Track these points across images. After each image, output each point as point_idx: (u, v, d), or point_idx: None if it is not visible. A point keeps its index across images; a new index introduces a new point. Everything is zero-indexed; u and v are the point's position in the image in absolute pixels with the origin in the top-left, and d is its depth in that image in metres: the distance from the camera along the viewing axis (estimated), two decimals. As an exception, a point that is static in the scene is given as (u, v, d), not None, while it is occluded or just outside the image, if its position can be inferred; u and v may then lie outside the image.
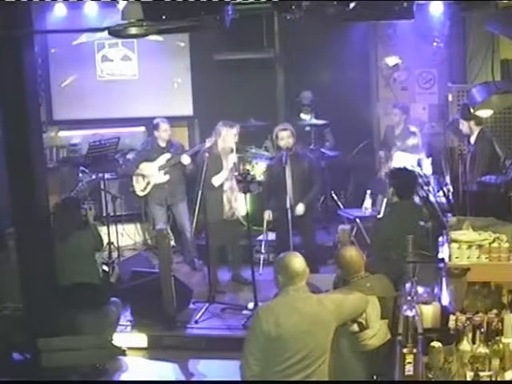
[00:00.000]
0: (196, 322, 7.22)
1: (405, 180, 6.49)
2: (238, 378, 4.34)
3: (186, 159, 8.42)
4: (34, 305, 5.96)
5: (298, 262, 4.40)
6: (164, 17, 5.23)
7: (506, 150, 7.53)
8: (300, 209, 7.64)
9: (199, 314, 7.30)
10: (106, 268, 8.07)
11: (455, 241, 4.45)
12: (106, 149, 9.08)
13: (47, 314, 6.00)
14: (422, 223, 5.74)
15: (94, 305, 6.40)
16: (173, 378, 6.54)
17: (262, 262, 8.49)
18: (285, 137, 7.63)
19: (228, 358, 6.26)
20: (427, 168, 8.10)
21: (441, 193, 5.91)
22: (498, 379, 4.14)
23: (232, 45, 9.49)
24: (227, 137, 7.81)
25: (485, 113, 6.62)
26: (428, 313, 4.62)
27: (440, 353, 4.19)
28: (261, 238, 8.72)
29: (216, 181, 7.82)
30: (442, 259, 4.53)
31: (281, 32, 9.79)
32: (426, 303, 4.68)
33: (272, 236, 8.57)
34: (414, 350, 4.18)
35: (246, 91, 9.87)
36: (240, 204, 7.89)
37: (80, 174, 9.29)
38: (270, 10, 8.64)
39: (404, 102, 9.41)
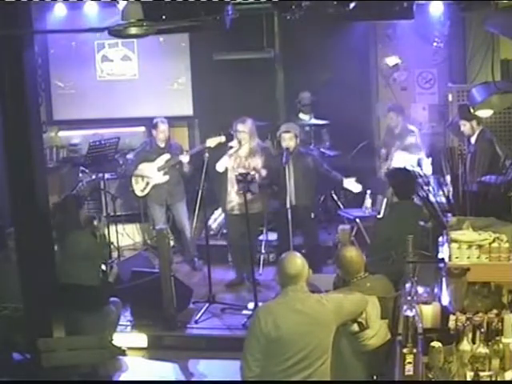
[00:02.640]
0: (196, 322, 7.23)
1: (404, 180, 6.49)
2: (239, 378, 4.34)
3: (185, 158, 8.42)
4: (34, 305, 5.95)
5: (297, 262, 4.39)
6: (164, 17, 5.24)
7: (506, 150, 7.53)
8: (355, 186, 7.72)
9: (199, 314, 7.31)
10: (103, 267, 8.05)
11: (455, 241, 4.44)
12: (106, 149, 9.09)
13: (47, 314, 6.00)
14: (421, 223, 5.73)
15: (93, 306, 6.38)
16: (173, 378, 6.54)
17: (261, 261, 8.49)
18: (286, 138, 7.69)
19: (228, 358, 6.27)
20: (427, 168, 8.10)
21: (441, 193, 5.90)
22: (498, 379, 4.14)
23: (232, 45, 9.49)
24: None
25: (485, 113, 6.62)
26: (428, 313, 4.62)
27: (440, 353, 4.18)
28: (261, 238, 8.73)
29: (218, 167, 7.91)
30: (442, 259, 4.53)
31: (281, 32, 9.79)
32: (426, 303, 4.67)
33: (272, 236, 8.59)
34: (414, 350, 4.18)
35: (245, 91, 9.86)
36: (240, 200, 7.89)
37: (80, 174, 9.30)
38: (270, 10, 8.66)
39: (397, 103, 9.41)
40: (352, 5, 5.64)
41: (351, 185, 7.75)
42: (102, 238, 6.88)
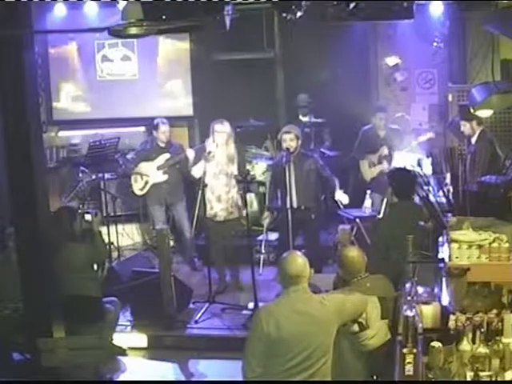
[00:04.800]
0: (196, 322, 7.23)
1: (404, 180, 6.49)
2: (239, 378, 4.34)
3: (191, 153, 8.35)
4: (34, 305, 5.95)
5: (298, 262, 4.37)
6: (164, 17, 5.23)
7: (506, 150, 7.52)
8: (344, 198, 7.79)
9: (199, 314, 7.31)
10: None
11: (455, 241, 4.44)
12: (106, 149, 9.09)
13: (47, 314, 6.00)
14: (421, 223, 5.73)
15: (91, 318, 6.35)
16: (173, 378, 6.55)
17: (261, 261, 8.49)
18: (287, 139, 7.67)
19: (228, 358, 6.28)
20: (427, 168, 8.10)
21: (441, 193, 5.90)
22: (498, 379, 4.14)
23: (232, 45, 9.49)
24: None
25: (485, 113, 6.61)
26: (428, 313, 4.62)
27: (440, 353, 4.19)
28: (261, 238, 8.73)
29: (194, 172, 7.85)
30: (442, 259, 4.53)
31: (281, 32, 9.79)
32: (426, 303, 4.68)
33: (272, 236, 8.58)
34: (414, 350, 4.18)
35: (245, 91, 9.87)
36: (223, 206, 7.85)
37: (80, 174, 9.28)
38: (270, 9, 8.66)
39: (381, 103, 9.42)
40: (352, 5, 5.63)
41: (342, 196, 7.83)
42: (98, 237, 6.73)
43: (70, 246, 6.51)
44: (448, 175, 5.89)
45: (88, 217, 6.78)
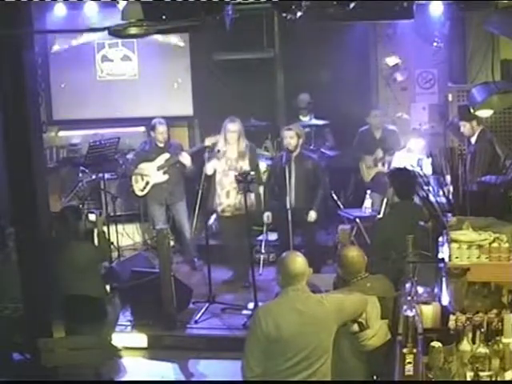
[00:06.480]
0: (196, 322, 7.24)
1: (405, 180, 6.49)
2: (239, 378, 4.34)
3: (186, 158, 8.42)
4: (34, 305, 5.95)
5: (298, 262, 4.38)
6: (164, 17, 5.24)
7: (506, 150, 7.53)
8: (312, 216, 7.69)
9: (199, 314, 7.32)
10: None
11: (455, 241, 4.45)
12: (106, 149, 9.09)
13: (47, 314, 6.00)
14: (421, 223, 5.74)
15: (91, 318, 6.34)
16: (173, 378, 6.55)
17: (261, 261, 8.49)
18: (287, 136, 7.65)
19: (228, 358, 6.28)
20: (427, 168, 8.10)
21: (441, 193, 5.90)
22: (498, 379, 4.14)
23: (232, 45, 9.48)
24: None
25: (485, 113, 6.62)
26: (428, 313, 4.62)
27: (440, 353, 4.19)
28: (261, 238, 8.73)
29: (207, 169, 7.90)
30: (442, 259, 4.54)
31: (281, 32, 9.78)
32: (426, 303, 4.68)
33: (272, 236, 8.58)
34: (414, 350, 4.18)
35: (245, 91, 9.86)
36: (230, 202, 7.88)
37: (80, 174, 9.30)
38: (270, 9, 8.64)
39: (377, 103, 9.44)
40: (352, 5, 5.63)
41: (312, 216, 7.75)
42: (101, 237, 6.74)
43: (74, 245, 6.51)
44: (448, 175, 5.89)
45: (92, 216, 6.80)
